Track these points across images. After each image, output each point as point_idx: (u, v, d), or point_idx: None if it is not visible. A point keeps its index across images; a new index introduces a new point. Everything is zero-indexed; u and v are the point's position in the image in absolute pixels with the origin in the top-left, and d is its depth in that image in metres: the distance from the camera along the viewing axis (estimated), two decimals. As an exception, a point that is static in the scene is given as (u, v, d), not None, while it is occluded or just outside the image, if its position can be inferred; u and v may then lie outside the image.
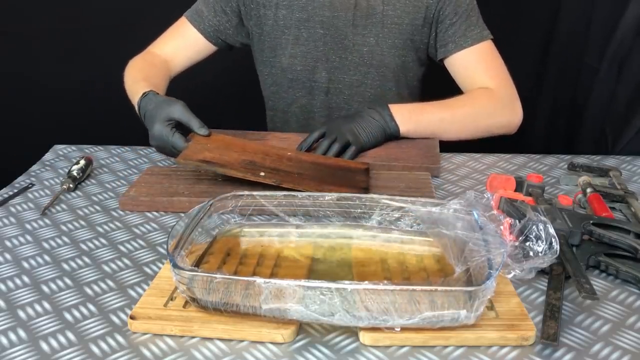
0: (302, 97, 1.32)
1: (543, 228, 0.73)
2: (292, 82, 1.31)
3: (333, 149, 1.11)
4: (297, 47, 1.27)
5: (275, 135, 1.25)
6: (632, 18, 1.40)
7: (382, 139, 1.17)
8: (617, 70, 1.45)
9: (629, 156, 1.20)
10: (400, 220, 0.85)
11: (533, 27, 1.66)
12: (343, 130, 1.13)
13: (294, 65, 1.29)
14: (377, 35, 1.25)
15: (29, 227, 0.95)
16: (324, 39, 1.26)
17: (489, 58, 1.25)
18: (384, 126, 1.16)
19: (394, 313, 0.64)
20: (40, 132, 1.47)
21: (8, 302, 0.76)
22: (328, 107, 1.32)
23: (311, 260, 0.81)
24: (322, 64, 1.28)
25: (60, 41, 1.79)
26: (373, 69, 1.28)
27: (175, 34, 1.33)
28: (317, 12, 1.24)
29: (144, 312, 0.70)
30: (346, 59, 1.27)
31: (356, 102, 1.31)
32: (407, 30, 1.25)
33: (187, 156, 1.01)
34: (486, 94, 1.22)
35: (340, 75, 1.29)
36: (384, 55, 1.26)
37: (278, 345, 0.67)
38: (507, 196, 0.89)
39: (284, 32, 1.27)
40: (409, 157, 1.14)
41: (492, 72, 1.24)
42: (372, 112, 1.17)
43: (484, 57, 1.25)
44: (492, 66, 1.25)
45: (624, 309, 0.73)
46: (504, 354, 0.66)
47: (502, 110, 1.23)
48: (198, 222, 0.80)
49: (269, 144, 1.17)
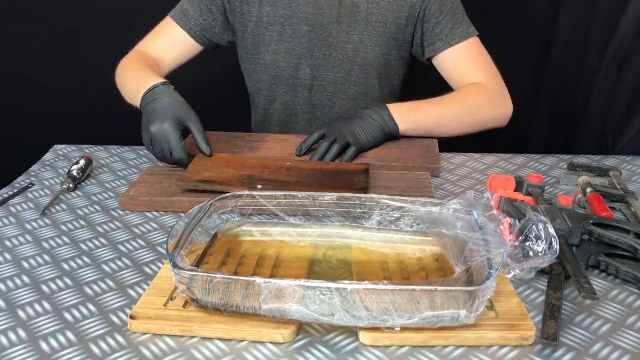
0: (285, 94, 1.32)
1: (543, 228, 0.73)
2: (276, 79, 1.31)
3: (333, 150, 1.11)
4: (280, 44, 1.27)
5: (274, 137, 1.25)
6: (632, 18, 1.39)
7: (382, 139, 1.17)
8: (617, 70, 1.45)
9: (629, 156, 1.20)
10: (400, 220, 0.85)
11: (533, 27, 1.66)
12: (343, 132, 1.13)
13: (278, 62, 1.28)
14: (361, 33, 1.25)
15: (29, 227, 0.95)
16: (309, 36, 1.25)
17: (477, 54, 1.26)
18: (384, 126, 1.16)
19: (394, 313, 0.64)
20: (40, 132, 1.47)
21: (8, 302, 0.76)
22: (311, 104, 1.32)
23: (311, 261, 0.81)
24: (306, 61, 1.28)
25: (60, 41, 1.79)
26: (357, 66, 1.28)
27: (162, 35, 1.31)
28: (301, 9, 1.24)
29: (144, 312, 0.70)
30: (330, 56, 1.27)
31: (340, 100, 1.31)
32: (390, 29, 1.25)
33: (187, 178, 1.01)
34: (478, 89, 1.23)
35: (324, 73, 1.29)
36: (368, 53, 1.27)
37: (278, 345, 0.67)
38: (507, 196, 0.89)
39: (268, 28, 1.26)
40: (408, 158, 1.14)
41: (481, 68, 1.25)
42: (371, 112, 1.17)
43: (472, 53, 1.26)
44: (480, 62, 1.26)
45: (624, 309, 0.73)
46: (504, 354, 0.66)
47: (494, 103, 1.24)
48: (198, 222, 0.80)
49: (268, 148, 1.17)
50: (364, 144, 1.14)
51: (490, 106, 1.24)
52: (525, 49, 1.66)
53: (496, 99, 1.25)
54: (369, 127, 1.15)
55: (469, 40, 1.25)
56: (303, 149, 1.14)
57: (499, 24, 1.20)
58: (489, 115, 1.24)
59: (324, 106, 1.32)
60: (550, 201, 0.94)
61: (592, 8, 1.50)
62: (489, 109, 1.24)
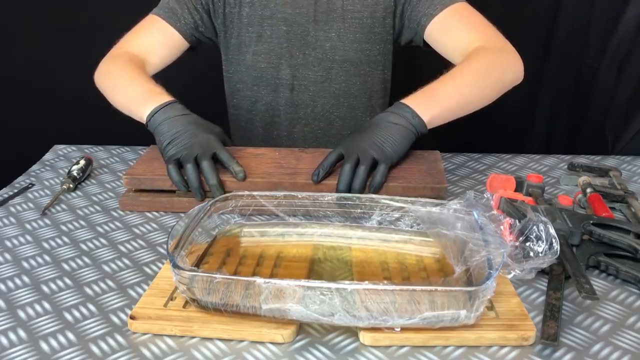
0: (267, 94, 1.30)
1: (543, 228, 0.73)
2: (257, 80, 1.29)
3: (359, 173, 0.95)
4: (260, 45, 1.26)
5: (249, 151, 1.09)
6: (632, 18, 1.40)
7: (408, 144, 1.01)
8: (617, 70, 1.45)
9: (629, 156, 1.20)
10: (400, 220, 0.85)
11: (533, 26, 1.66)
12: (364, 147, 0.98)
13: (258, 63, 1.27)
14: (339, 30, 1.23)
15: (29, 227, 0.95)
16: (287, 36, 1.24)
17: (467, 15, 1.18)
18: (407, 126, 1.00)
19: (394, 313, 0.64)
20: (40, 132, 1.47)
21: (8, 302, 0.76)
22: (293, 104, 1.30)
23: (311, 261, 0.81)
24: (286, 61, 1.27)
25: (60, 41, 1.79)
26: (336, 64, 1.26)
27: (148, 33, 1.25)
28: (279, 9, 1.23)
29: (144, 312, 0.70)
30: (309, 55, 1.26)
31: (321, 98, 1.29)
32: (367, 24, 1.23)
33: None
34: (482, 51, 1.13)
35: (304, 72, 1.27)
36: (347, 50, 1.25)
37: (278, 345, 0.67)
38: (507, 196, 0.89)
39: (248, 29, 1.25)
40: (410, 176, 1.00)
41: (475, 28, 1.17)
42: (387, 115, 1.02)
43: (459, 16, 1.18)
44: (473, 22, 1.18)
45: (624, 309, 0.73)
46: (504, 354, 0.66)
47: (504, 57, 1.15)
48: (198, 222, 0.80)
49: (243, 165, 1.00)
50: (392, 156, 0.98)
51: (502, 61, 1.13)
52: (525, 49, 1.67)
53: (503, 52, 1.15)
54: (391, 133, 0.99)
55: (454, 5, 1.17)
56: (320, 174, 0.97)
57: (499, 23, 1.20)
58: (503, 70, 1.13)
59: (306, 105, 1.30)
60: (550, 201, 0.94)
61: (592, 8, 1.50)
62: (502, 64, 1.13)
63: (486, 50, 1.12)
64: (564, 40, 1.60)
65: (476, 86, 1.08)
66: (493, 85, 1.11)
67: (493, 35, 1.15)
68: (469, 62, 1.11)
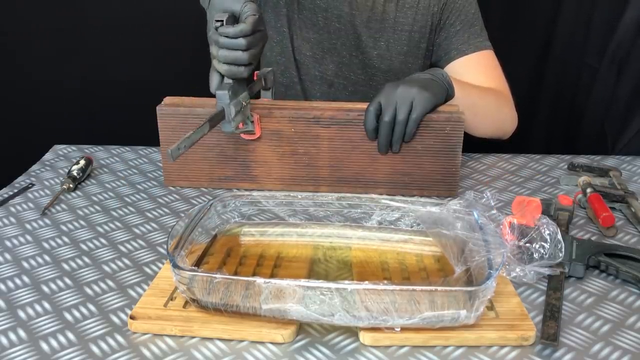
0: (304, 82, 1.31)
1: (551, 232, 0.73)
2: (299, 64, 1.30)
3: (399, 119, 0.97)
4: (310, 33, 1.26)
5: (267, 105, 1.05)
6: (631, 18, 1.40)
7: (442, 97, 1.02)
8: (617, 71, 1.45)
9: (629, 156, 1.20)
10: (400, 220, 0.86)
11: (533, 27, 1.66)
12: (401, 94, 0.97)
13: (303, 49, 1.28)
14: (388, 41, 1.25)
15: (29, 227, 0.95)
16: (338, 33, 1.26)
17: (492, 66, 1.25)
18: (441, 80, 1.03)
19: (394, 313, 0.64)
20: (40, 132, 1.47)
21: (8, 302, 0.76)
22: (328, 99, 1.31)
23: (311, 261, 0.81)
24: (331, 57, 1.28)
25: (60, 41, 1.79)
26: (380, 72, 1.28)
27: None
28: (336, 5, 1.24)
29: (144, 312, 0.70)
30: (356, 57, 1.27)
31: (357, 100, 1.30)
32: (415, 38, 1.26)
33: None
34: (497, 91, 1.21)
35: (347, 72, 1.29)
36: (392, 61, 1.27)
37: (278, 345, 0.67)
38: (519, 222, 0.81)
39: (302, 12, 1.26)
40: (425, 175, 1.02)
41: (493, 77, 1.24)
42: (421, 73, 1.05)
43: (485, 63, 1.25)
44: (494, 74, 1.25)
45: (624, 309, 0.73)
46: (504, 354, 0.66)
47: (510, 110, 1.23)
48: (198, 222, 0.80)
49: None
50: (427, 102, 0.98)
51: (509, 110, 1.23)
52: (525, 49, 1.66)
53: (511, 106, 1.24)
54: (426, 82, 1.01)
55: (484, 51, 1.24)
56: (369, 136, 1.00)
57: (499, 23, 1.20)
58: (506, 117, 1.22)
59: None
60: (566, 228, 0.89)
61: (592, 8, 1.50)
62: (508, 112, 1.23)
63: (502, 94, 1.21)
64: (564, 41, 1.60)
65: (487, 109, 1.16)
66: (496, 120, 1.20)
67: (506, 89, 1.24)
68: (491, 89, 1.19)
